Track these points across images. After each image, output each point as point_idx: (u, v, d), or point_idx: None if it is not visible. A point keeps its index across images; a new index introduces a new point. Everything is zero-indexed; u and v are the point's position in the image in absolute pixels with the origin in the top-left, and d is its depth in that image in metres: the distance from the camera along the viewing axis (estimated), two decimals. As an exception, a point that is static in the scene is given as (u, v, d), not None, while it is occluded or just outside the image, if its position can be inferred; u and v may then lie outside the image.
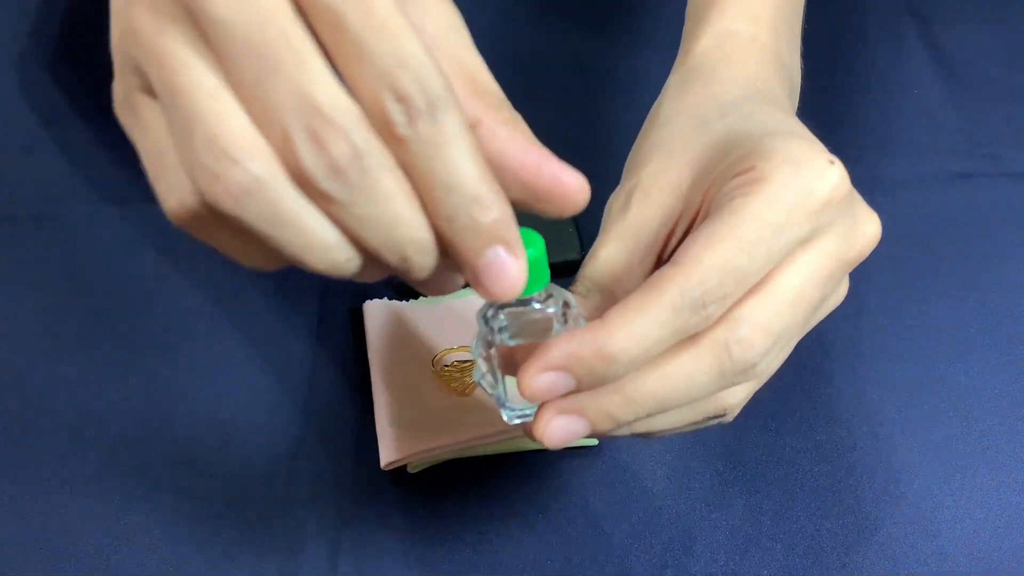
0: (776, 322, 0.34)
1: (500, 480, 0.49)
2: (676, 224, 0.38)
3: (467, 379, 0.51)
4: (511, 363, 0.36)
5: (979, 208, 0.58)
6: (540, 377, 0.33)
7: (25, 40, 0.65)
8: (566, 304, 0.36)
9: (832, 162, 0.35)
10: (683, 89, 0.42)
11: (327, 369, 0.53)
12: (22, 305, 0.55)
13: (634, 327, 0.33)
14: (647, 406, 0.34)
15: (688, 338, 0.34)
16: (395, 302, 0.54)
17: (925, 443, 0.50)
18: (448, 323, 0.53)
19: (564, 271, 0.56)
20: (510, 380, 0.37)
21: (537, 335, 0.35)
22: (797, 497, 0.48)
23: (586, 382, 0.33)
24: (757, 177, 0.34)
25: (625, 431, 0.36)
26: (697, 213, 0.37)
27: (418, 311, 0.54)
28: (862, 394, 0.51)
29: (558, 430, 0.35)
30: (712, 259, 0.33)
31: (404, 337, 0.52)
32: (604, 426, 0.35)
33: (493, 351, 0.36)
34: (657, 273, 0.34)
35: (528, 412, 0.37)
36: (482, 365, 0.37)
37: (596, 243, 0.38)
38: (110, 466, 0.50)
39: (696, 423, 0.37)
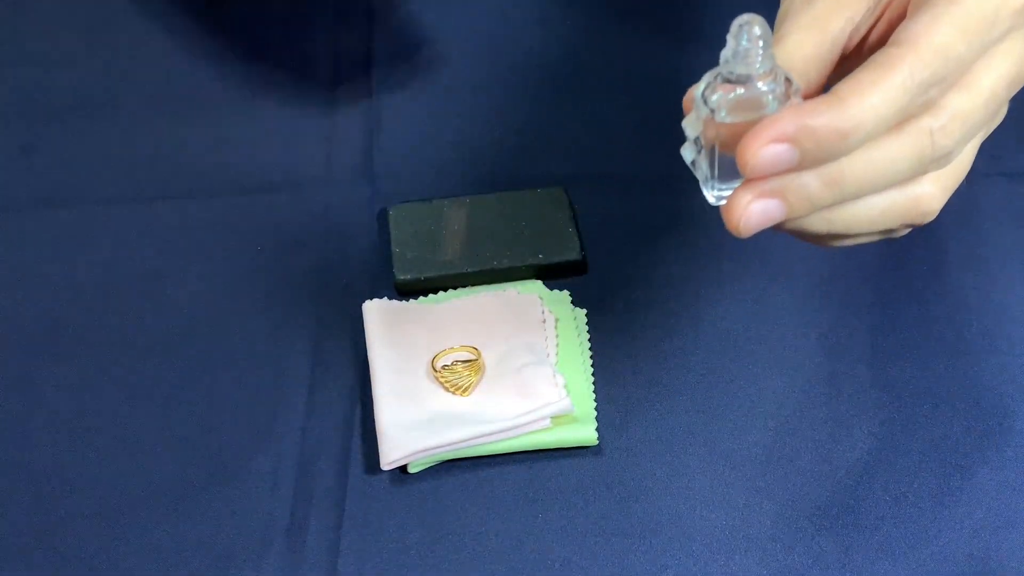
0: (973, 115, 0.36)
1: (500, 480, 0.49)
2: (860, 21, 0.38)
3: (467, 379, 0.51)
4: (726, 141, 0.36)
5: (979, 208, 0.58)
6: (767, 148, 0.33)
7: (25, 40, 0.65)
8: (787, 80, 0.36)
9: None
10: None
11: (327, 369, 0.53)
12: (22, 305, 0.55)
13: (868, 103, 0.34)
14: (847, 189, 0.35)
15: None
16: (395, 302, 0.54)
17: (925, 443, 0.50)
18: (448, 323, 0.53)
19: (564, 272, 0.56)
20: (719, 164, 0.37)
21: (755, 111, 0.35)
22: (797, 497, 0.48)
23: (812, 157, 0.34)
24: None
25: (821, 225, 0.36)
26: (882, 13, 0.39)
27: (418, 311, 0.54)
28: (862, 394, 0.51)
29: (756, 213, 0.35)
30: (938, 41, 0.34)
31: (404, 337, 0.52)
32: (800, 209, 0.35)
33: (708, 129, 0.36)
34: (884, 52, 0.35)
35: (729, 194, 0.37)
36: (691, 144, 0.37)
37: (779, 30, 0.38)
38: (110, 465, 0.50)
39: (892, 228, 0.38)
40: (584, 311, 0.54)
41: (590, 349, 0.53)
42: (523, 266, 0.55)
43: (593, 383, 0.51)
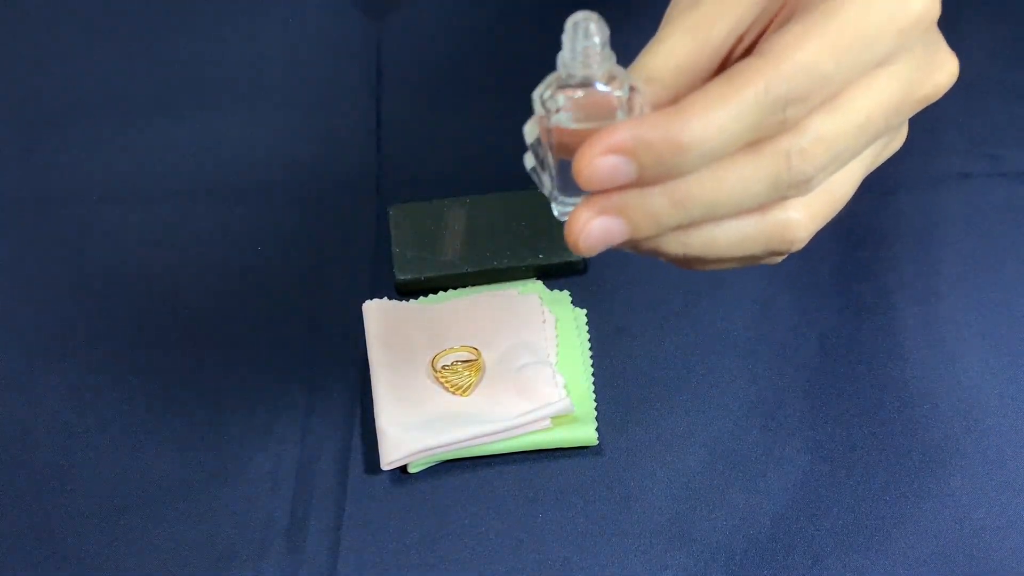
0: (840, 141, 0.33)
1: (500, 480, 0.49)
2: (748, 29, 0.35)
3: (467, 379, 0.51)
4: (566, 150, 0.33)
5: (979, 208, 0.58)
6: (601, 160, 0.31)
7: (25, 39, 0.65)
8: (632, 89, 0.33)
9: None
10: None
11: (327, 369, 0.52)
12: (22, 304, 0.55)
13: (713, 116, 0.31)
14: (695, 210, 0.32)
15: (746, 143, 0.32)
16: (395, 302, 0.54)
17: (926, 443, 0.50)
18: (448, 323, 0.53)
19: (563, 272, 0.56)
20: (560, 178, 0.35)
21: (599, 119, 0.33)
22: (797, 497, 0.48)
23: (649, 172, 0.31)
24: None
25: (675, 247, 0.34)
26: (771, 21, 0.35)
27: (418, 311, 0.54)
28: (863, 393, 0.51)
29: (597, 231, 0.33)
30: (802, 57, 0.31)
31: (404, 337, 0.52)
32: (646, 230, 0.33)
33: (547, 136, 0.34)
34: (740, 63, 0.32)
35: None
36: (532, 153, 0.35)
37: (658, 34, 0.36)
38: (110, 466, 0.50)
39: (755, 254, 0.35)
40: (584, 311, 0.54)
41: (590, 349, 0.53)
42: (523, 266, 0.55)
43: (593, 383, 0.51)
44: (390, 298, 0.54)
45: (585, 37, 0.33)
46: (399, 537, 0.48)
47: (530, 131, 0.35)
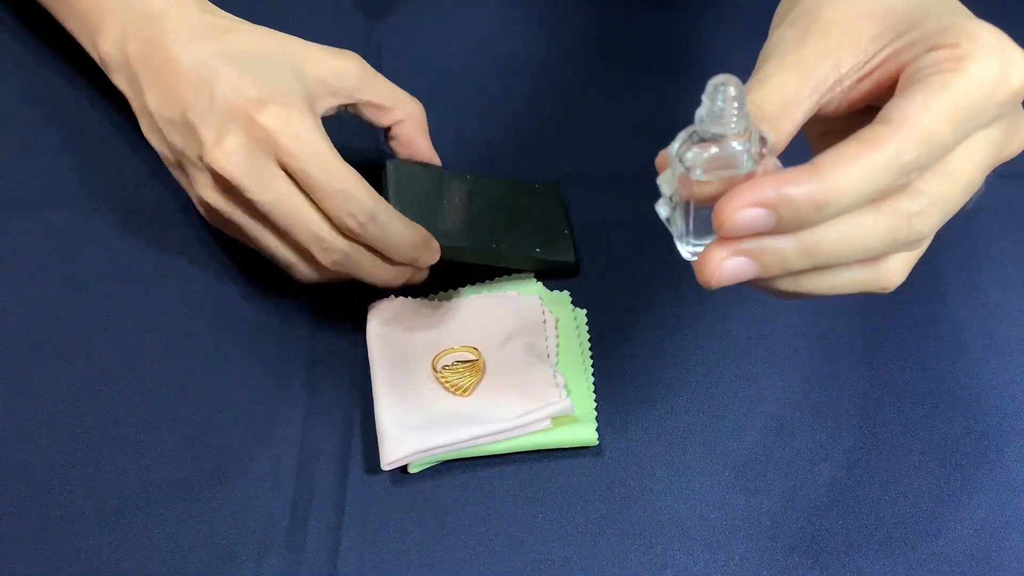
0: (950, 201, 0.36)
1: (500, 480, 0.49)
2: (848, 71, 0.38)
3: (467, 379, 0.51)
4: (700, 197, 0.36)
5: (979, 208, 0.58)
6: (745, 212, 0.34)
7: (25, 39, 0.65)
8: (762, 139, 0.36)
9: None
10: None
11: (327, 369, 0.52)
12: (22, 305, 0.55)
13: (849, 177, 0.34)
14: (820, 259, 0.35)
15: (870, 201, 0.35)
16: (396, 302, 0.54)
17: (925, 443, 0.50)
18: (448, 323, 0.53)
19: (557, 272, 0.56)
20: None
21: (729, 168, 0.35)
22: (797, 497, 0.48)
23: (787, 224, 0.34)
24: (963, 55, 0.36)
25: (788, 285, 0.36)
26: (875, 69, 0.38)
27: (418, 311, 0.54)
28: (862, 394, 0.51)
29: (729, 270, 0.35)
30: (927, 127, 0.34)
31: (404, 337, 0.52)
32: (774, 271, 0.35)
33: (686, 187, 0.36)
34: (870, 129, 0.35)
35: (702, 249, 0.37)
36: (666, 201, 0.37)
37: (763, 69, 0.38)
38: (110, 466, 0.50)
39: (850, 293, 0.38)
40: (584, 311, 0.54)
41: (590, 349, 0.53)
42: (519, 256, 0.54)
43: (593, 383, 0.51)
44: (395, 296, 0.54)
45: (724, 100, 0.35)
46: (399, 537, 0.48)
47: (666, 184, 0.37)
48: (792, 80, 0.38)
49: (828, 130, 0.41)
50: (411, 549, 0.47)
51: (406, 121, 0.55)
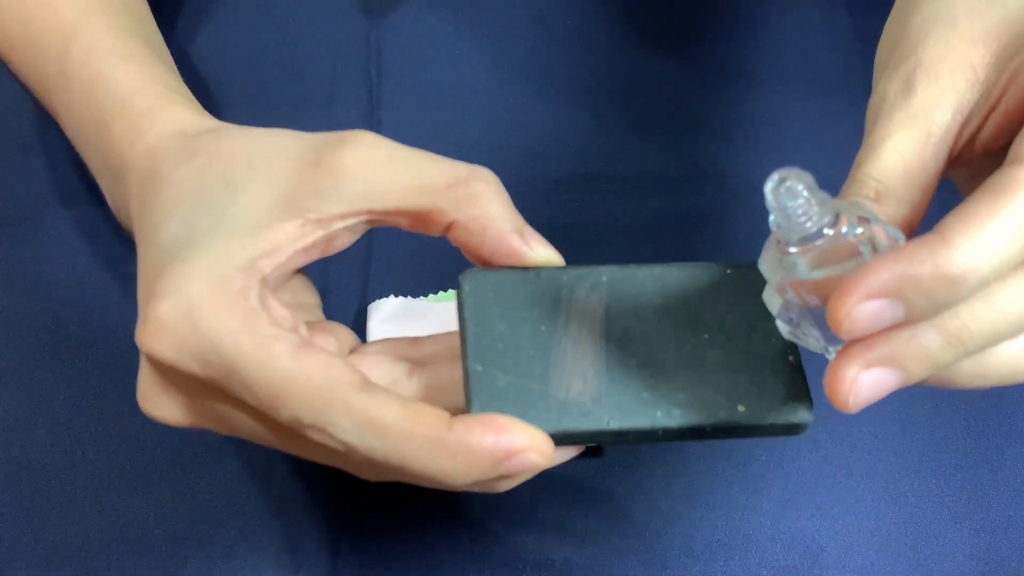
0: None
1: (500, 480, 0.49)
2: (972, 110, 0.32)
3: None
4: (821, 300, 0.31)
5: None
6: (862, 307, 0.28)
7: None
8: (863, 220, 0.30)
9: None
10: None
11: (327, 369, 0.52)
12: (22, 305, 0.55)
13: (984, 240, 0.27)
14: (974, 343, 0.29)
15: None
16: (396, 301, 0.54)
17: (925, 443, 0.50)
18: (449, 323, 0.53)
19: (775, 433, 0.36)
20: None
21: (843, 262, 0.30)
22: (797, 497, 0.48)
23: (919, 310, 0.28)
24: None
25: (974, 382, 0.31)
26: (999, 100, 0.32)
27: (419, 311, 0.53)
28: (862, 394, 0.51)
29: (868, 387, 0.30)
30: None
31: (405, 337, 0.52)
32: (920, 373, 0.30)
33: (791, 295, 0.31)
34: (1003, 172, 0.28)
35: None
36: (783, 321, 0.32)
37: (872, 135, 0.32)
38: (109, 466, 0.50)
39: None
40: (584, 311, 0.54)
41: (590, 349, 0.53)
42: (711, 426, 0.34)
43: (593, 383, 0.51)
44: (395, 295, 0.54)
45: (791, 197, 0.29)
46: (399, 537, 0.48)
47: (771, 301, 0.32)
48: (908, 140, 0.32)
49: (981, 170, 0.33)
50: (411, 549, 0.47)
51: (460, 221, 0.36)
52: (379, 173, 0.35)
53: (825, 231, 0.30)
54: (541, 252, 0.36)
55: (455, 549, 0.47)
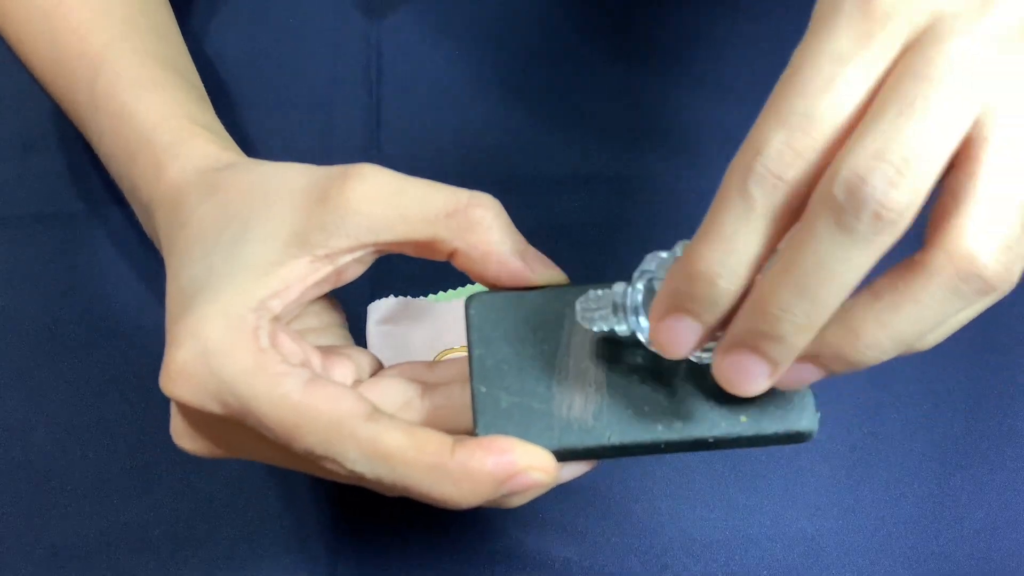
0: None
1: (500, 480, 0.49)
2: None
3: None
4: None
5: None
6: (659, 330, 0.31)
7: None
8: (649, 267, 0.33)
9: None
10: None
11: (327, 369, 0.52)
12: (22, 305, 0.55)
13: (719, 240, 0.30)
14: (786, 308, 0.30)
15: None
16: (396, 301, 0.54)
17: (925, 443, 0.50)
18: (449, 323, 0.53)
19: (779, 442, 0.37)
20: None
21: (647, 304, 0.33)
22: (797, 497, 0.48)
23: (703, 313, 0.30)
24: None
25: (824, 359, 0.33)
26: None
27: (419, 310, 0.53)
28: (862, 394, 0.51)
29: (732, 370, 0.31)
30: None
31: (404, 337, 0.52)
32: (784, 354, 0.31)
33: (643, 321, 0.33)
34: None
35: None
36: (694, 357, 0.33)
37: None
38: (110, 465, 0.50)
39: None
40: (584, 311, 0.54)
41: (590, 349, 0.53)
42: (714, 438, 0.35)
43: (593, 383, 0.51)
44: (395, 295, 0.54)
45: (593, 307, 0.33)
46: (399, 537, 0.48)
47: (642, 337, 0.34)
48: None
49: None
50: (411, 549, 0.47)
51: (461, 249, 0.37)
52: (383, 207, 0.36)
53: (626, 300, 0.33)
54: (543, 273, 0.37)
55: (455, 549, 0.47)
